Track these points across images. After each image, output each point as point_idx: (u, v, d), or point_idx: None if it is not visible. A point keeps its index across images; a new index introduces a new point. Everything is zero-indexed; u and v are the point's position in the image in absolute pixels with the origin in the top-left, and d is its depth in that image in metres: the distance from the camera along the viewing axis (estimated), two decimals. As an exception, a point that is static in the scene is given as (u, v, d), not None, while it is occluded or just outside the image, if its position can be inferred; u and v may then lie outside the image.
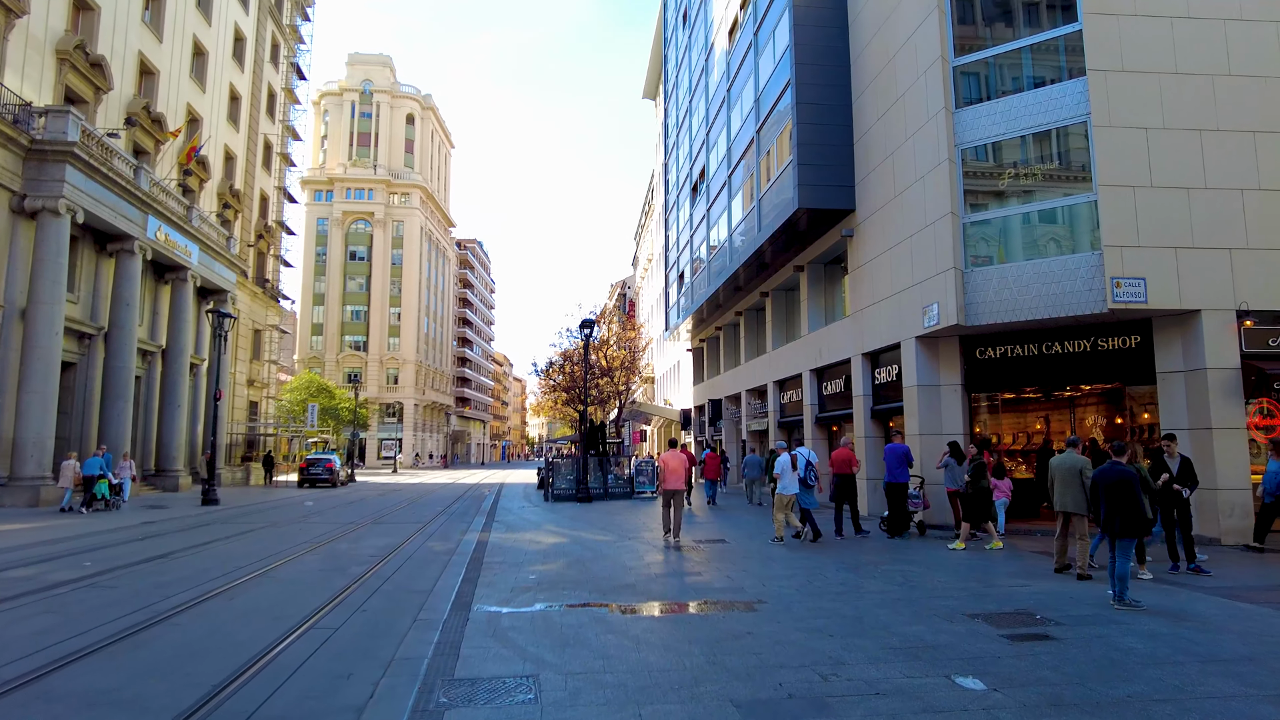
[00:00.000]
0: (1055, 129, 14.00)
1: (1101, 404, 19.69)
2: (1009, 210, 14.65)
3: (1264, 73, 13.76)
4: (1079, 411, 20.60)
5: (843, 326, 20.00)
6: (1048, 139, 14.19)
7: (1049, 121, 14.01)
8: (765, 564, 11.18)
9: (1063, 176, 14.12)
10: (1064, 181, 14.09)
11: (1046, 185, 14.31)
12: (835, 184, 19.12)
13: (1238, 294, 13.20)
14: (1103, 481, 8.39)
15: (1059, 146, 14.12)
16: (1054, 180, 14.25)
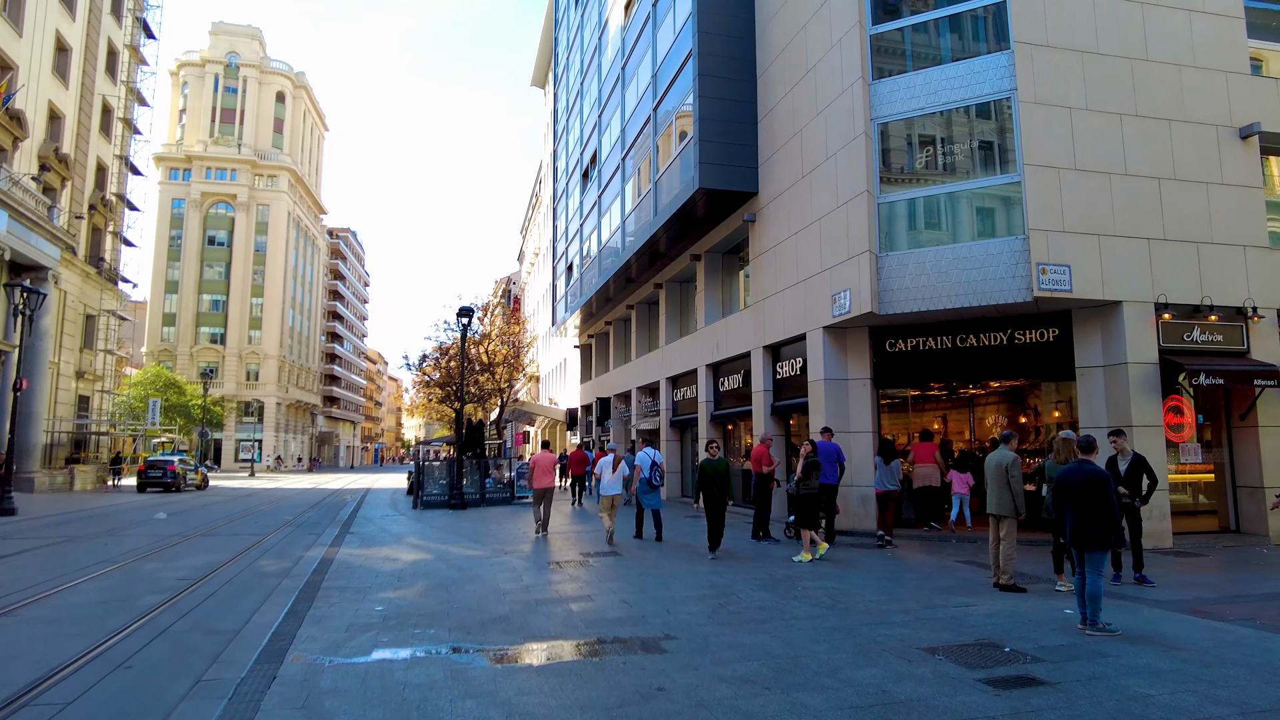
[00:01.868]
0: (978, 104, 13.05)
1: (1003, 403, 19.26)
2: (928, 191, 13.61)
3: (1178, 61, 13.31)
4: (978, 411, 20.16)
5: (742, 318, 18.68)
6: (970, 115, 13.23)
7: (972, 96, 13.05)
8: (665, 583, 9.46)
9: (985, 156, 13.19)
10: (987, 161, 13.16)
11: (968, 165, 13.34)
12: (738, 164, 17.76)
13: (1156, 286, 12.61)
14: (1069, 484, 7.14)
15: (982, 123, 13.18)
16: (976, 160, 13.30)
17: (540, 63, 50.62)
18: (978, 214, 13.26)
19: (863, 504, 14.27)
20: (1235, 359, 12.83)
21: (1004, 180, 12.76)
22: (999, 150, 12.93)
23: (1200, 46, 13.46)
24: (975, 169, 13.21)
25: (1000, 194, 12.93)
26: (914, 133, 13.76)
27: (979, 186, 13.19)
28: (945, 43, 13.71)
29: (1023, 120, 12.44)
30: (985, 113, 13.05)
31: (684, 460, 23.96)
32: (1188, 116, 13.18)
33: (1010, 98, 12.67)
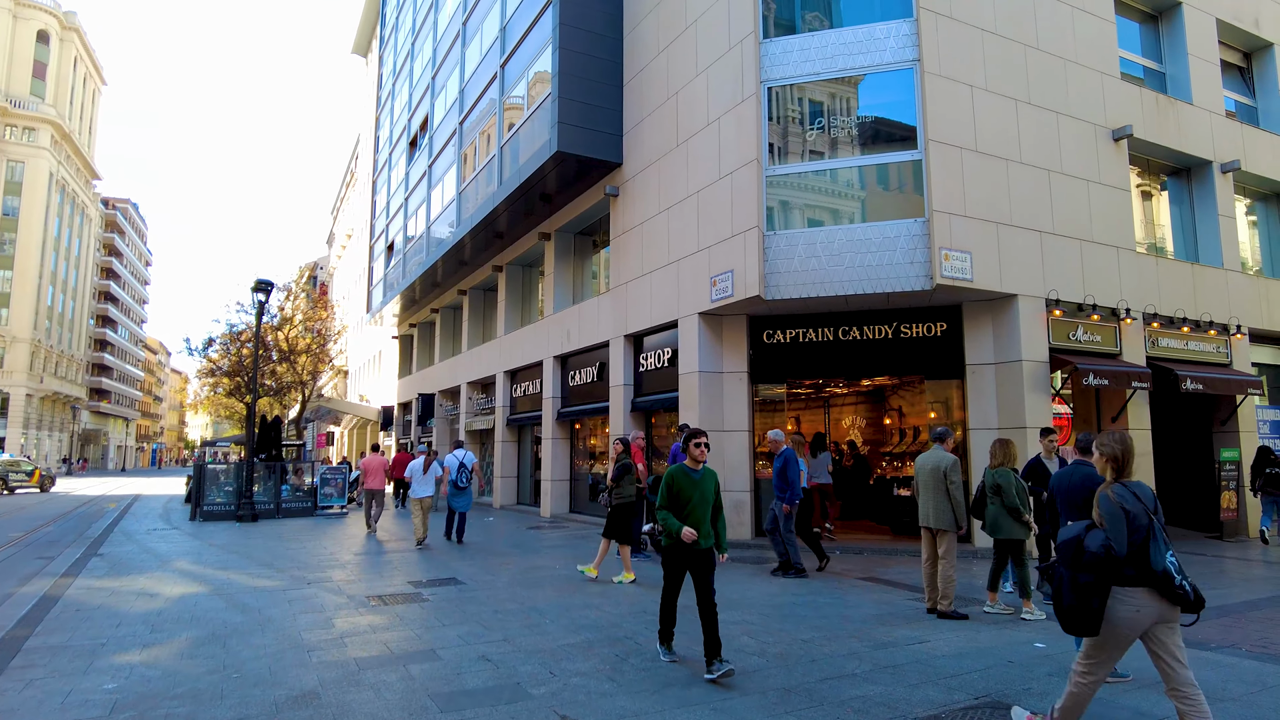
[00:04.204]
0: (879, 73, 11.91)
1: (862, 403, 18.61)
2: (821, 165, 12.31)
3: (1063, 55, 12.93)
4: (835, 411, 19.45)
5: (599, 305, 16.69)
6: (869, 84, 12.06)
7: (872, 64, 11.88)
8: (533, 623, 7.23)
9: (885, 130, 12.05)
10: (886, 136, 12.03)
11: (865, 138, 12.16)
12: (600, 129, 15.79)
13: (1047, 282, 12.04)
14: (1062, 490, 5.78)
15: (882, 94, 12.04)
16: (874, 133, 12.14)
17: (364, 26, 46.07)
18: (875, 193, 12.11)
19: (735, 511, 12.74)
20: (1111, 360, 12.56)
21: (905, 157, 11.69)
22: (900, 125, 11.84)
23: (1081, 44, 13.18)
24: (873, 143, 12.06)
25: (900, 172, 11.85)
26: (807, 100, 12.43)
27: (877, 162, 12.04)
28: (845, 2, 12.50)
29: (927, 93, 11.41)
30: (886, 83, 11.92)
31: (522, 463, 21.60)
32: (1072, 111, 12.82)
33: (913, 68, 11.63)
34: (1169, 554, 3.70)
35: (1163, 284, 13.52)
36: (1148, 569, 3.67)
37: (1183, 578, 3.67)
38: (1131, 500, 3.81)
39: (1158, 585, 3.66)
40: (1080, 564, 3.71)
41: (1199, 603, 3.64)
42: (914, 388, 16.29)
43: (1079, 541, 3.78)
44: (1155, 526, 3.74)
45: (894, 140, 11.86)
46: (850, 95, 12.16)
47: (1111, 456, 3.99)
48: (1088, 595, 3.68)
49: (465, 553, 12.20)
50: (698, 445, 5.89)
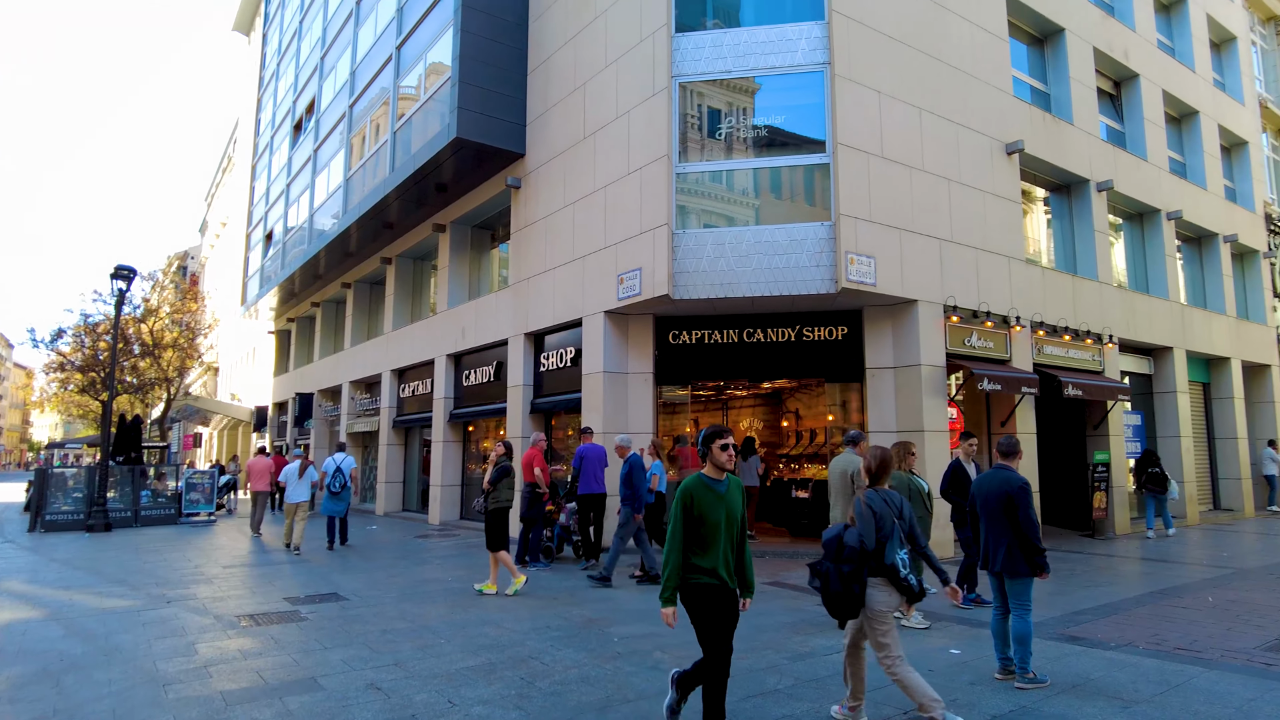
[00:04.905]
0: (790, 74, 11.84)
1: (760, 405, 18.69)
2: (731, 164, 12.13)
3: (963, 68, 13.29)
4: (733, 414, 19.47)
5: (498, 301, 16.00)
6: (781, 85, 11.97)
7: (784, 65, 11.80)
8: (426, 644, 6.61)
9: (795, 132, 11.99)
10: (796, 138, 11.97)
11: (775, 139, 12.06)
12: (502, 118, 15.13)
13: (945, 288, 12.30)
14: (981, 494, 5.68)
15: (792, 95, 11.98)
16: (784, 135, 12.07)
17: (247, 2, 43.19)
18: (783, 194, 12.04)
19: (638, 517, 12.36)
20: (1002, 365, 12.97)
21: (814, 160, 11.66)
22: (809, 127, 11.80)
23: (980, 60, 13.60)
24: (783, 145, 11.98)
25: (809, 175, 11.82)
26: (718, 98, 12.23)
27: (787, 164, 11.97)
28: (758, 2, 12.39)
29: (837, 97, 11.42)
30: (797, 85, 11.87)
31: (409, 468, 20.54)
32: (971, 124, 13.18)
33: (824, 71, 11.62)
34: (901, 552, 4.45)
35: (1047, 294, 14.12)
36: (882, 561, 4.40)
37: (908, 572, 4.42)
38: (881, 504, 4.52)
39: (889, 576, 4.40)
40: (843, 557, 4.42)
41: (920, 594, 4.43)
42: (812, 390, 16.46)
43: (840, 539, 4.48)
44: (897, 528, 4.47)
45: (803, 142, 11.82)
46: (762, 95, 12.05)
47: (868, 467, 4.69)
48: (850, 582, 4.37)
49: (348, 565, 11.31)
50: (724, 448, 4.21)
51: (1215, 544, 13.15)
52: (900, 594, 4.42)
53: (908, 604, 4.49)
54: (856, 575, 4.35)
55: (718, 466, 4.25)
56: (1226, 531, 15.04)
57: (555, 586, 9.43)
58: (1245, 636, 6.58)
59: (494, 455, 9.39)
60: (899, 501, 4.57)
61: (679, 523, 4.14)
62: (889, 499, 4.55)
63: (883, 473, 4.64)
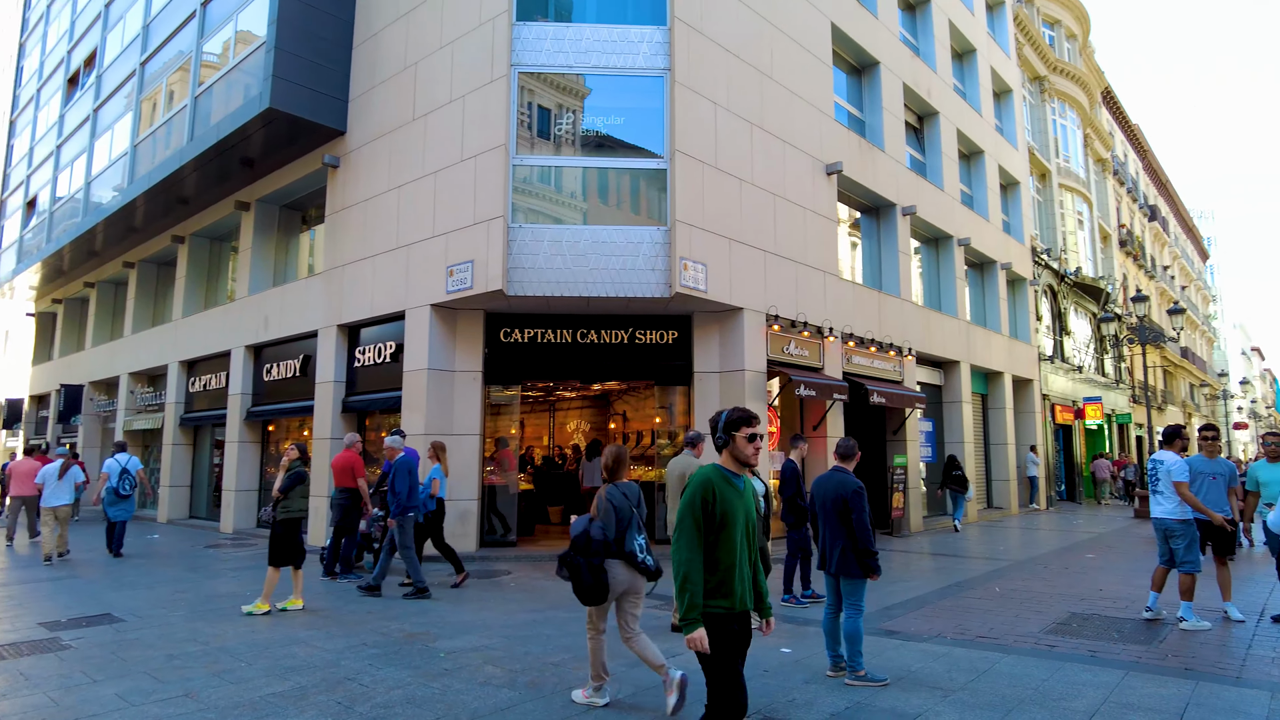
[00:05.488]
0: (631, 76, 11.78)
1: (589, 407, 18.57)
2: (571, 161, 11.86)
3: (794, 89, 13.90)
4: (560, 415, 19.22)
5: (308, 289, 14.73)
6: (622, 85, 11.88)
7: (626, 65, 11.73)
8: (223, 668, 5.78)
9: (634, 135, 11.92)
10: (635, 141, 11.90)
11: (615, 140, 11.95)
12: (322, 91, 13.95)
13: (768, 297, 12.76)
14: (820, 497, 5.80)
15: (633, 98, 11.92)
16: (623, 136, 11.97)
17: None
18: (623, 196, 11.96)
19: (461, 521, 11.81)
20: (816, 373, 13.66)
21: (652, 164, 11.68)
22: (648, 131, 11.80)
23: (807, 82, 14.29)
24: (622, 146, 11.90)
25: (646, 179, 11.81)
26: (559, 92, 11.95)
27: (626, 166, 11.90)
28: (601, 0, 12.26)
29: (676, 103, 11.51)
30: (638, 87, 11.84)
31: (199, 470, 18.46)
32: (796, 143, 13.80)
33: (664, 77, 11.68)
34: (639, 538, 4.93)
35: (857, 308, 15.08)
36: (622, 548, 4.85)
37: (645, 555, 4.90)
38: (620, 498, 4.96)
39: (627, 560, 4.86)
40: (590, 550, 4.78)
41: (657, 573, 4.92)
42: (640, 393, 16.55)
43: (587, 533, 4.83)
44: (635, 517, 4.96)
45: (642, 145, 11.81)
46: (602, 94, 11.91)
47: (605, 465, 5.16)
48: (599, 572, 4.75)
49: (123, 580, 9.86)
50: (751, 438, 3.44)
51: (992, 539, 14.60)
52: (639, 574, 4.90)
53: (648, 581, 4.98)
54: (602, 565, 4.77)
55: (740, 461, 3.47)
56: (999, 527, 16.79)
57: (369, 600, 8.69)
58: (1030, 622, 7.23)
59: (286, 459, 8.38)
60: (636, 494, 5.09)
61: (695, 524, 3.29)
62: (627, 492, 5.02)
63: (618, 469, 5.12)
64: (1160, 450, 7.65)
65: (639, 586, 4.96)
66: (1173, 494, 7.23)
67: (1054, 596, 8.51)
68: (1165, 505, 7.25)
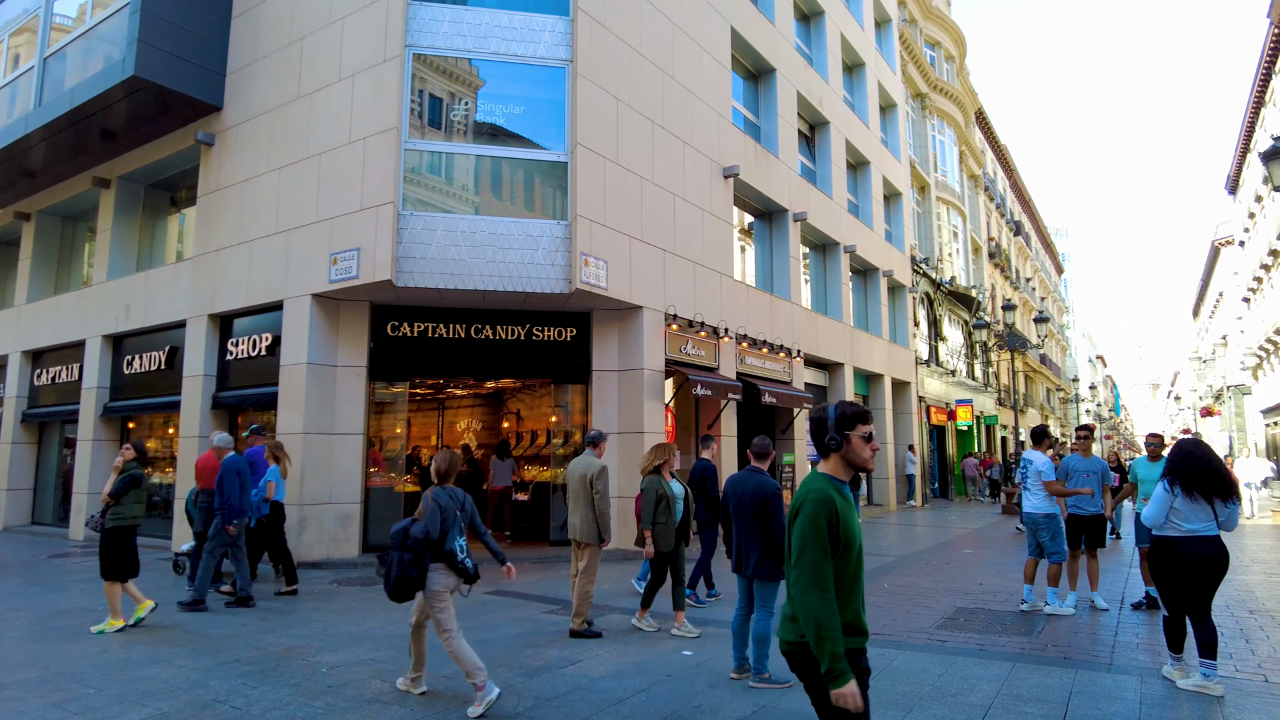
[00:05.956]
0: (532, 65, 11.49)
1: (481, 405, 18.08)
2: (467, 148, 11.45)
3: (694, 90, 13.97)
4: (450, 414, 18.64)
5: (176, 275, 13.63)
6: (522, 74, 11.56)
7: (527, 54, 11.42)
8: (67, 696, 5.18)
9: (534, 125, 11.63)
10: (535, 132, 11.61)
11: (514, 130, 11.61)
12: (196, 62, 12.93)
13: (667, 297, 12.75)
14: (735, 498, 5.71)
15: (534, 87, 11.62)
16: (523, 126, 11.66)
17: None
18: (522, 187, 11.66)
19: (343, 525, 11.22)
20: (711, 373, 13.77)
21: (553, 157, 11.44)
22: (549, 123, 11.56)
23: (706, 85, 14.39)
24: (522, 136, 11.59)
25: (547, 171, 11.56)
26: (456, 77, 11.53)
27: (525, 157, 11.60)
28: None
29: (578, 96, 11.32)
30: (539, 77, 11.57)
31: (44, 472, 16.80)
32: (695, 144, 13.88)
33: (566, 68, 11.46)
34: (460, 540, 5.08)
35: (750, 310, 15.32)
36: (442, 549, 4.97)
37: (464, 556, 5.05)
38: (446, 499, 5.08)
39: (447, 560, 4.99)
40: (406, 546, 4.91)
41: (475, 576, 5.09)
42: (535, 391, 16.24)
43: (407, 531, 4.96)
44: (458, 520, 5.10)
45: (542, 137, 11.55)
46: (502, 81, 11.56)
47: (437, 469, 5.26)
48: (409, 569, 4.88)
49: None
50: (868, 437, 2.82)
51: (876, 535, 15.15)
52: (458, 576, 5.05)
53: (465, 584, 5.12)
54: (417, 562, 4.89)
55: (854, 466, 2.84)
56: (880, 523, 17.48)
57: (242, 612, 8.07)
58: (920, 617, 7.48)
59: (120, 459, 7.53)
60: (461, 496, 5.25)
61: (823, 553, 2.64)
62: (453, 494, 5.17)
63: (449, 474, 5.26)
64: (1029, 450, 8.11)
65: (454, 585, 5.11)
66: (1040, 490, 7.67)
67: (939, 591, 8.86)
68: (1033, 500, 7.69)
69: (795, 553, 2.69)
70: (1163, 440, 8.29)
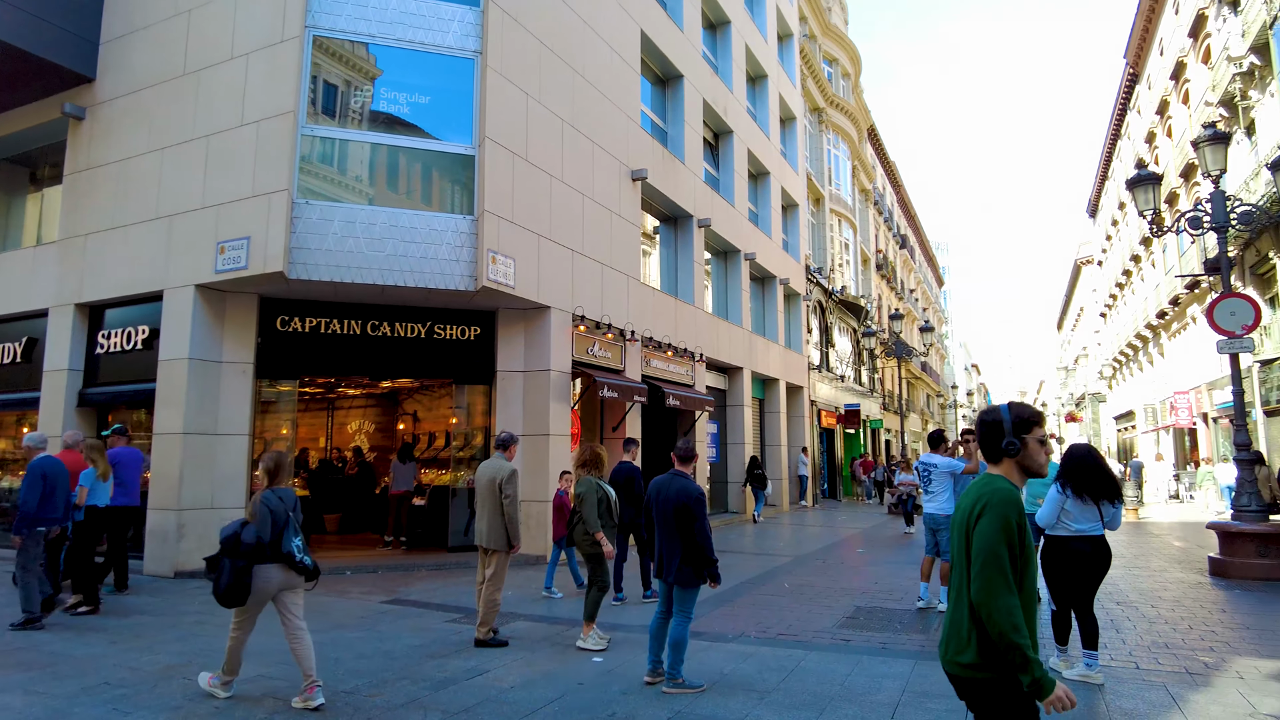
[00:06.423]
0: (440, 55, 11.14)
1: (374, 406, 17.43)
2: (369, 137, 10.96)
3: (604, 91, 13.92)
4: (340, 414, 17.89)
5: (37, 259, 12.47)
6: (430, 63, 11.18)
7: (435, 43, 11.06)
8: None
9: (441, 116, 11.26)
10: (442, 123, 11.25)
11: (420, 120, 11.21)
12: (65, 28, 11.87)
13: (574, 298, 12.64)
14: (658, 502, 5.64)
15: (441, 78, 11.26)
16: (429, 117, 11.28)
17: None
18: (426, 180, 11.29)
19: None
20: (618, 375, 13.76)
21: (460, 149, 11.12)
22: (456, 115, 11.23)
23: (616, 87, 14.37)
24: (428, 127, 11.21)
25: (453, 164, 11.23)
26: (359, 62, 11.04)
27: (431, 148, 11.24)
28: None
29: (487, 89, 11.06)
30: (447, 67, 11.22)
31: None
32: (605, 145, 13.83)
33: (475, 60, 11.18)
34: (296, 540, 5.08)
35: (655, 313, 15.41)
36: (280, 550, 4.97)
37: (303, 555, 5.06)
38: (276, 502, 5.06)
39: (286, 561, 5.00)
40: (238, 552, 4.85)
41: (316, 573, 5.15)
42: (433, 391, 15.80)
43: (238, 535, 4.90)
44: (291, 520, 5.09)
45: (449, 129, 11.22)
46: (408, 70, 11.15)
47: (267, 470, 5.23)
48: (242, 575, 4.84)
49: None
50: (1043, 440, 2.67)
51: (773, 536, 15.52)
52: (299, 574, 5.08)
53: (308, 581, 5.14)
54: (248, 569, 4.85)
55: (1029, 471, 2.65)
56: (775, 524, 17.93)
57: (108, 626, 7.44)
58: (823, 617, 7.69)
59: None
60: (292, 498, 5.22)
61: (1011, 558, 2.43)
62: (284, 497, 5.14)
63: (279, 474, 5.21)
64: (926, 454, 8.48)
65: (296, 584, 5.13)
66: (942, 491, 8.02)
67: (839, 591, 9.14)
68: (936, 502, 8.03)
69: (980, 556, 2.42)
70: (1042, 444, 8.81)
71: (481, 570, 7.05)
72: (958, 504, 2.65)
